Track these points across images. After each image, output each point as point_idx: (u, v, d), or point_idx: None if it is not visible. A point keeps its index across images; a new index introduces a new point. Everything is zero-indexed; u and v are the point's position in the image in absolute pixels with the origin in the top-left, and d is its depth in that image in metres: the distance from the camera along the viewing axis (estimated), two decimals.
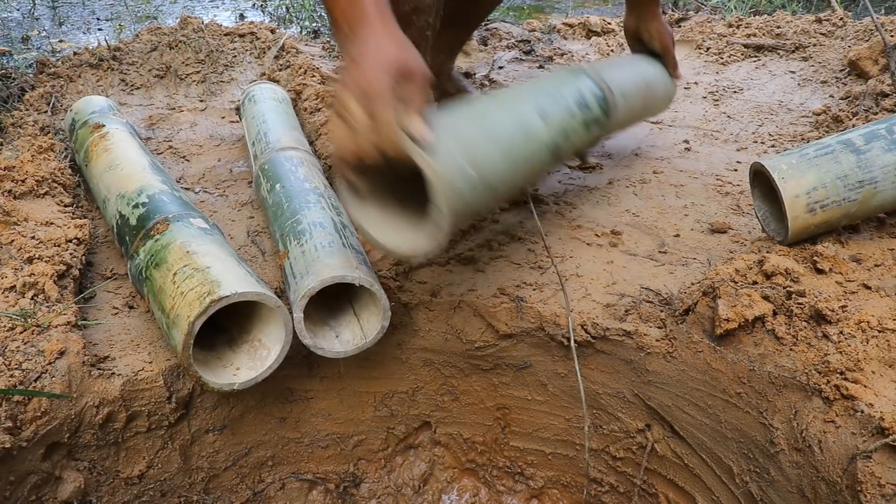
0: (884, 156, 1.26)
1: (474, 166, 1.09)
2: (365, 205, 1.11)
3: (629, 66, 1.77)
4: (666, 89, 1.89)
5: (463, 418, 1.52)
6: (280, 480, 1.49)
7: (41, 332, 1.17)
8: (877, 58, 2.30)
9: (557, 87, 1.43)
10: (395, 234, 1.10)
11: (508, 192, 1.27)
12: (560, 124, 1.36)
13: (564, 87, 1.44)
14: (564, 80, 1.48)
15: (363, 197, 1.11)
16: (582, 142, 1.48)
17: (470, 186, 1.08)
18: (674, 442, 1.31)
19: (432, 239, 1.05)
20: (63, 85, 2.35)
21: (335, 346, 1.24)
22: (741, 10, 3.57)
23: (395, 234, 1.10)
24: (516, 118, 1.25)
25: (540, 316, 1.34)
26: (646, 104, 1.80)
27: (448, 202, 1.01)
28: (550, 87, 1.42)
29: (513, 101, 1.30)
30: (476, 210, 1.16)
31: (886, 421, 0.92)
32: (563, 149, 1.38)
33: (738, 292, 1.16)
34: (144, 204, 1.39)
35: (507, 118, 1.23)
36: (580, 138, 1.45)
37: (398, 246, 1.09)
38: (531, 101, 1.32)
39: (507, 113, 1.25)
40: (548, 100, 1.36)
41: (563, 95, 1.41)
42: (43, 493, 1.16)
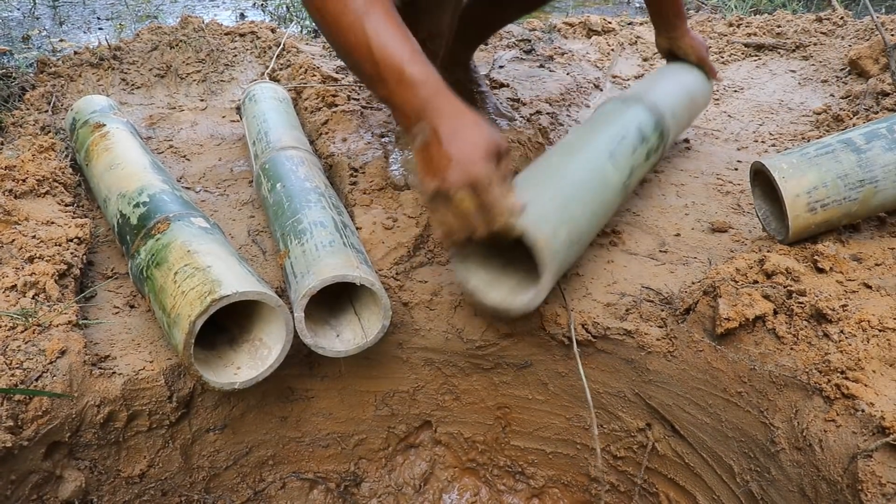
0: (884, 155, 1.26)
1: (569, 230, 1.21)
2: (469, 269, 1.23)
3: (673, 82, 1.80)
4: (705, 96, 1.95)
5: (464, 417, 1.52)
6: (281, 480, 1.49)
7: (42, 331, 1.17)
8: (877, 57, 2.30)
9: (619, 124, 1.48)
10: (497, 294, 1.21)
11: (591, 239, 1.37)
12: (627, 163, 1.43)
13: (625, 124, 1.49)
14: (623, 114, 1.53)
15: (468, 262, 1.23)
16: (644, 173, 1.56)
17: (566, 248, 1.21)
18: (674, 441, 1.31)
19: (535, 300, 1.17)
20: (63, 84, 2.35)
21: (336, 346, 1.24)
22: (741, 9, 3.57)
23: (497, 294, 1.21)
24: (593, 169, 1.34)
25: (541, 315, 1.34)
26: (691, 116, 1.87)
27: (552, 270, 1.16)
28: (614, 128, 1.47)
29: (587, 150, 1.38)
30: (569, 261, 1.27)
31: (887, 420, 0.93)
32: (630, 186, 1.47)
33: (739, 291, 1.16)
34: (145, 203, 1.39)
35: (585, 172, 1.32)
36: (643, 170, 1.53)
37: (503, 306, 1.19)
38: (602, 146, 1.40)
39: (585, 165, 1.34)
40: (614, 141, 1.43)
41: (626, 133, 1.47)
42: (44, 492, 1.16)
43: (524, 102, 2.24)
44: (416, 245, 1.49)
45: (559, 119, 2.17)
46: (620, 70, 2.74)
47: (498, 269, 1.25)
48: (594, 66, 2.73)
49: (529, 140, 1.89)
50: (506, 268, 1.26)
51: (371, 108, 2.08)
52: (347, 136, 1.87)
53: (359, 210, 1.57)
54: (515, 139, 1.87)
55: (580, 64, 2.73)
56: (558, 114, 2.20)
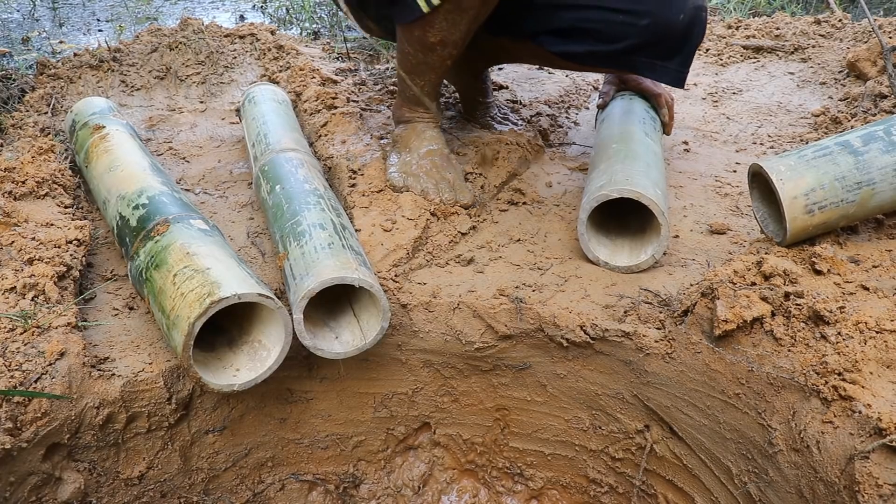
0: (882, 157, 1.26)
1: (660, 188, 1.45)
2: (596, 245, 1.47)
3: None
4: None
5: (462, 419, 1.52)
6: (280, 481, 1.49)
7: (41, 333, 1.18)
8: (875, 59, 2.30)
9: (638, 112, 1.82)
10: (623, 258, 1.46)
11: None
12: (656, 137, 1.74)
13: (641, 111, 1.83)
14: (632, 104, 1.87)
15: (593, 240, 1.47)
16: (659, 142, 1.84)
17: (665, 202, 1.42)
18: (673, 442, 1.31)
19: (661, 248, 1.41)
20: (63, 86, 2.35)
21: (335, 347, 1.24)
22: (740, 11, 3.57)
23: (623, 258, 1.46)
24: (646, 145, 1.63)
25: (539, 317, 1.34)
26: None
27: (667, 220, 1.39)
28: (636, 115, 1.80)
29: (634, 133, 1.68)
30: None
31: (884, 421, 0.93)
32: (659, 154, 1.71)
33: (737, 293, 1.16)
34: (145, 205, 1.39)
35: (644, 148, 1.61)
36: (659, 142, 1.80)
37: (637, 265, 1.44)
38: (640, 128, 1.72)
39: (640, 144, 1.62)
40: (644, 123, 1.76)
41: (645, 117, 1.80)
42: (43, 493, 1.16)
43: (524, 104, 2.24)
44: (414, 247, 1.49)
45: (558, 121, 2.17)
46: None
47: (610, 241, 1.50)
48: None
49: (529, 142, 1.90)
50: (615, 238, 1.51)
51: (370, 110, 2.08)
52: (347, 138, 1.88)
53: (358, 212, 1.57)
54: (515, 141, 1.88)
55: None
56: (557, 115, 2.21)
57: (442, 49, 1.51)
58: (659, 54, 1.54)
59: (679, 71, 1.57)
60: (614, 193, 1.37)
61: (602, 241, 1.49)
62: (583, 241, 1.46)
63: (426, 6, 1.37)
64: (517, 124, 2.01)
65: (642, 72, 1.60)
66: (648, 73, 1.59)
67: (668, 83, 1.60)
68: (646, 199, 1.35)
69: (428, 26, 1.45)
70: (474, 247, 1.54)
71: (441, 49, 1.51)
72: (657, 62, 1.56)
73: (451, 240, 1.54)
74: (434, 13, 1.41)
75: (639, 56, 1.56)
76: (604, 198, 1.39)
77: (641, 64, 1.57)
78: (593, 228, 1.47)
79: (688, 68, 1.58)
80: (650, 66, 1.57)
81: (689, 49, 1.54)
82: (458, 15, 1.43)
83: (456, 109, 2.09)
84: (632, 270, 1.44)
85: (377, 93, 2.24)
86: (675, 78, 1.58)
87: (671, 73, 1.57)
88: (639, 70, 1.60)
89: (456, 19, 1.44)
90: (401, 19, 1.47)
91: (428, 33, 1.46)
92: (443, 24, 1.44)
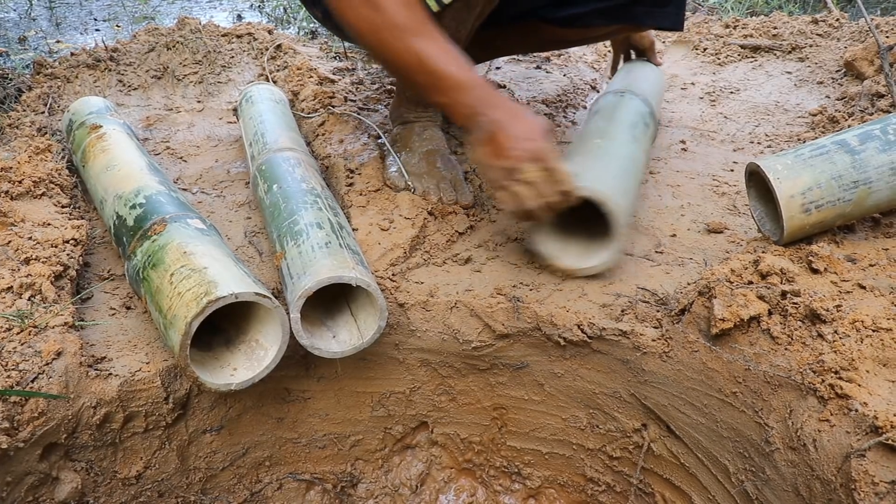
0: (878, 156, 1.26)
1: (628, 199, 1.42)
2: (542, 240, 1.43)
3: (645, 80, 2.03)
4: (663, 86, 2.22)
5: (460, 418, 1.52)
6: (277, 480, 1.49)
7: (38, 332, 1.17)
8: (872, 58, 2.31)
9: (630, 114, 1.74)
10: (568, 259, 1.42)
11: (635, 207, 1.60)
12: (644, 144, 1.68)
13: (634, 114, 1.75)
14: (627, 105, 1.78)
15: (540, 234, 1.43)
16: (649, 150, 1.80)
17: (625, 213, 1.37)
18: (670, 441, 1.31)
19: (614, 256, 1.38)
20: (60, 86, 2.35)
21: (332, 347, 1.24)
22: (738, 10, 3.57)
23: (568, 259, 1.42)
24: (628, 150, 1.56)
25: (536, 316, 1.34)
26: (659, 102, 2.09)
27: (623, 228, 1.34)
28: (628, 117, 1.71)
29: (619, 135, 1.60)
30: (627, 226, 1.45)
31: (880, 419, 0.93)
32: (646, 163, 1.71)
33: (734, 292, 1.16)
34: (142, 205, 1.39)
35: (625, 152, 1.55)
36: (649, 147, 1.78)
37: (582, 268, 1.40)
38: (627, 131, 1.64)
39: (622, 147, 1.56)
40: (633, 127, 1.68)
41: (637, 121, 1.72)
42: (40, 493, 1.16)
43: (521, 103, 2.24)
44: (412, 246, 1.49)
45: (556, 120, 2.17)
46: None
47: (565, 239, 1.45)
48: (591, 67, 2.73)
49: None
50: (570, 238, 1.45)
51: (368, 109, 2.08)
52: (344, 138, 1.88)
53: (355, 211, 1.57)
54: None
55: (577, 65, 2.73)
56: (555, 115, 2.21)
57: None
58: (656, 2, 1.65)
59: (676, 14, 1.68)
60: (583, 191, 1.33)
61: (556, 236, 1.45)
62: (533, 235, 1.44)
63: (436, 5, 1.37)
64: None
65: (643, 20, 1.69)
66: (649, 21, 1.69)
67: (668, 27, 1.71)
68: (605, 205, 1.31)
69: None
70: (472, 246, 1.54)
71: None
72: (655, 9, 1.67)
73: (449, 239, 1.54)
74: (443, 12, 1.40)
75: (638, 6, 1.66)
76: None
77: (641, 13, 1.67)
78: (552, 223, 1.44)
79: (684, 10, 1.69)
80: (649, 14, 1.67)
81: None
82: (467, 13, 1.46)
83: None
84: (575, 274, 1.41)
85: (375, 92, 2.24)
86: (674, 21, 1.69)
87: (670, 16, 1.68)
88: (639, 19, 1.68)
89: (464, 17, 1.46)
90: None
91: None
92: (451, 23, 1.44)
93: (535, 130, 1.26)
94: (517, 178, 1.25)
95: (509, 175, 1.25)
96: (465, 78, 1.27)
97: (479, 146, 1.28)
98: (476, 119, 1.27)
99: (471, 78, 1.27)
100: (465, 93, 1.26)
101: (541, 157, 1.24)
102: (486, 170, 1.31)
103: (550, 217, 1.36)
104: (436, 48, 1.27)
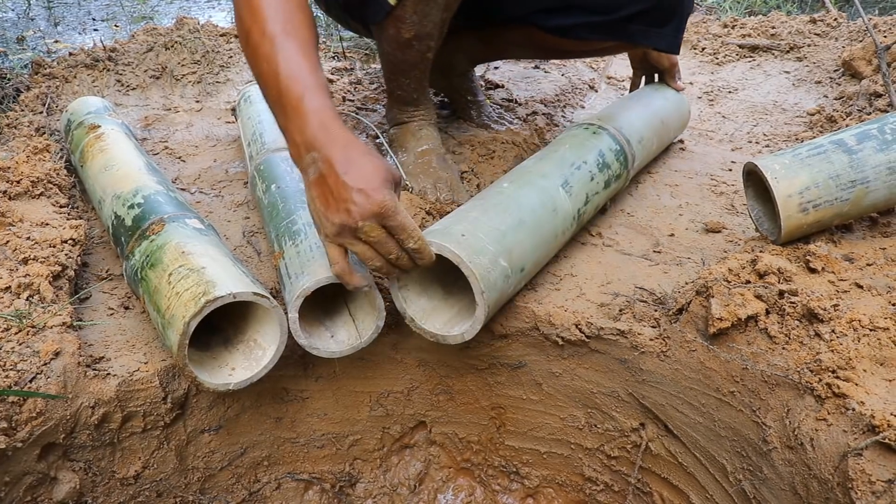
0: (875, 156, 1.27)
1: (508, 258, 1.20)
2: (407, 297, 1.22)
3: (643, 107, 1.81)
4: (681, 118, 1.95)
5: (458, 418, 1.53)
6: (276, 480, 1.49)
7: (36, 332, 1.17)
8: (870, 58, 2.31)
9: (580, 152, 1.50)
10: (434, 323, 1.22)
11: (537, 269, 1.35)
12: (583, 190, 1.44)
13: (587, 152, 1.51)
14: (586, 142, 1.55)
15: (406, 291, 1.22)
16: (602, 200, 1.56)
17: (504, 277, 1.18)
18: (668, 440, 1.31)
19: (470, 332, 1.18)
20: (59, 86, 2.35)
21: (330, 346, 1.24)
22: (736, 10, 3.58)
23: (434, 323, 1.22)
24: (543, 197, 1.34)
25: (534, 315, 1.34)
26: (662, 141, 1.86)
27: (487, 300, 1.13)
28: (574, 154, 1.49)
29: (539, 177, 1.38)
30: (509, 294, 1.25)
31: (877, 418, 0.93)
32: (585, 213, 1.48)
33: (732, 291, 1.16)
34: (140, 204, 1.39)
35: (535, 199, 1.32)
36: (601, 197, 1.54)
37: (439, 335, 1.21)
38: (556, 173, 1.40)
39: (535, 193, 1.33)
40: (571, 169, 1.44)
41: (585, 161, 1.48)
42: (38, 493, 1.16)
43: (519, 103, 2.24)
44: None
45: (554, 120, 2.17)
46: (615, 71, 2.74)
47: (440, 297, 1.26)
48: (589, 66, 2.74)
49: (525, 141, 1.90)
50: (448, 296, 1.27)
51: (366, 109, 2.08)
52: None
53: None
54: (511, 140, 1.88)
55: (575, 65, 2.73)
56: (553, 114, 2.21)
57: (418, 44, 1.50)
58: (653, 22, 1.56)
59: (674, 37, 1.59)
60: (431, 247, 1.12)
61: (430, 288, 1.25)
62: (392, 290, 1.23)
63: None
64: (513, 123, 2.01)
65: (637, 40, 1.60)
66: (643, 41, 1.60)
67: (664, 49, 1.61)
68: (465, 268, 1.11)
69: (399, 22, 1.44)
70: None
71: (417, 44, 1.50)
72: (651, 29, 1.57)
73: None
74: (402, 7, 1.40)
75: (633, 24, 1.57)
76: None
77: (636, 32, 1.58)
78: (430, 276, 1.25)
79: (682, 34, 1.59)
80: (644, 34, 1.58)
81: (681, 15, 1.57)
82: (427, 5, 1.42)
83: (451, 109, 2.09)
84: (437, 340, 1.21)
85: (373, 92, 2.24)
86: (670, 44, 1.60)
87: (666, 39, 1.59)
88: (633, 38, 1.60)
89: (426, 10, 1.42)
90: (373, 19, 1.46)
91: (401, 29, 1.45)
92: (413, 17, 1.43)
93: (376, 177, 1.05)
94: (355, 236, 1.07)
95: (344, 232, 1.06)
96: (308, 101, 1.08)
97: (309, 188, 1.09)
98: (307, 153, 1.07)
99: (316, 104, 1.08)
100: (303, 118, 1.07)
101: (383, 213, 1.04)
102: (316, 218, 1.11)
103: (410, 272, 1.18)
104: (297, 61, 1.11)
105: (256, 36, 1.13)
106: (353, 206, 1.03)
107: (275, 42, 1.11)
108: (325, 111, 1.08)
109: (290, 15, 1.15)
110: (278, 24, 1.13)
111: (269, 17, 1.13)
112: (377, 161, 1.07)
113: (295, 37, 1.13)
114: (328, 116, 1.08)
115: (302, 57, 1.12)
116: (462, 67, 1.98)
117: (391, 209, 1.04)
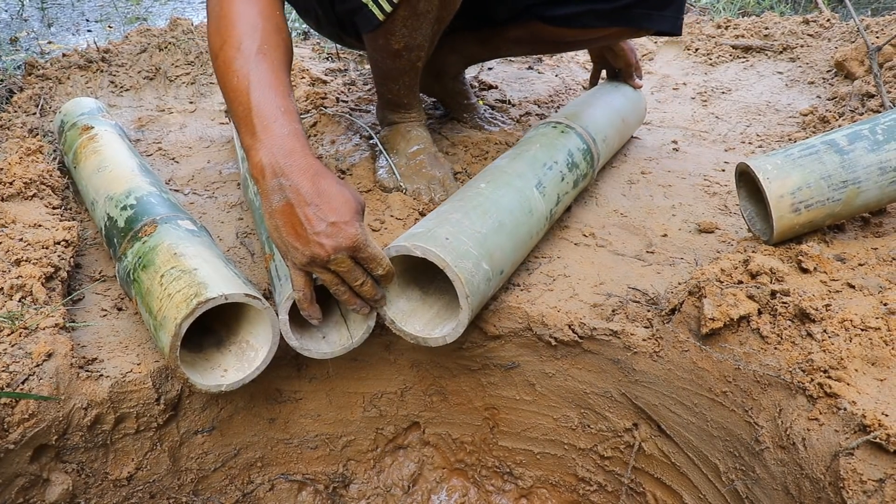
0: (867, 156, 1.27)
1: (490, 260, 1.21)
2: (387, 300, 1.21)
3: (605, 105, 1.83)
4: (637, 116, 1.99)
5: (452, 418, 1.53)
6: (269, 481, 1.49)
7: (29, 334, 1.17)
8: (863, 59, 2.32)
9: (551, 152, 1.51)
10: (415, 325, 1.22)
11: (514, 269, 1.36)
12: (555, 191, 1.46)
13: (556, 151, 1.52)
14: (555, 141, 1.56)
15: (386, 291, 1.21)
16: (570, 200, 1.57)
17: (486, 280, 1.20)
18: (661, 441, 1.32)
19: (454, 334, 1.18)
20: (52, 87, 2.34)
21: (322, 347, 1.24)
22: (730, 11, 3.59)
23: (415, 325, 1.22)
24: (520, 199, 1.35)
25: (527, 316, 1.34)
26: (622, 139, 1.90)
27: (471, 304, 1.15)
28: (545, 154, 1.50)
29: (514, 179, 1.39)
30: (488, 296, 1.25)
31: (868, 418, 0.93)
32: (556, 213, 1.50)
33: (724, 292, 1.17)
34: (133, 206, 1.39)
35: (513, 201, 1.33)
36: (570, 197, 1.56)
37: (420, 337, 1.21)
38: (530, 175, 1.42)
39: (511, 195, 1.34)
40: (543, 169, 1.46)
41: (556, 161, 1.50)
42: (31, 495, 1.16)
43: (513, 104, 2.25)
44: None
45: None
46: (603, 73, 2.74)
47: (418, 297, 1.26)
48: (583, 67, 2.74)
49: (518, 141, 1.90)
50: (426, 296, 1.27)
51: (359, 110, 2.08)
52: (336, 139, 1.88)
53: None
54: (504, 141, 1.88)
55: (569, 66, 2.74)
56: (547, 115, 2.21)
57: (408, 54, 1.50)
58: (654, 5, 1.60)
59: (675, 18, 1.63)
60: (416, 251, 1.13)
61: (411, 290, 1.25)
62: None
63: (381, 14, 1.36)
64: (506, 124, 2.01)
65: (640, 23, 1.64)
66: (646, 24, 1.64)
67: (667, 31, 1.65)
68: (450, 272, 1.11)
69: (389, 34, 1.43)
70: None
71: (407, 54, 1.50)
72: (654, 12, 1.61)
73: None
74: (392, 21, 1.39)
75: (635, 9, 1.61)
76: (402, 250, 1.15)
77: (639, 16, 1.62)
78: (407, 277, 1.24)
79: (682, 15, 1.64)
80: (647, 17, 1.62)
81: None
82: (416, 20, 1.41)
83: (444, 110, 2.10)
84: (418, 342, 1.21)
85: (367, 93, 2.24)
86: (672, 25, 1.64)
87: (668, 20, 1.63)
88: (636, 22, 1.63)
89: (415, 24, 1.42)
90: (363, 30, 1.46)
91: (391, 41, 1.45)
92: (403, 30, 1.43)
93: (347, 210, 1.06)
94: (325, 266, 1.07)
95: (314, 263, 1.07)
96: (279, 125, 1.07)
97: (273, 215, 1.07)
98: (274, 178, 1.06)
99: (287, 129, 1.08)
100: (272, 140, 1.07)
101: (355, 247, 1.06)
102: (281, 246, 1.09)
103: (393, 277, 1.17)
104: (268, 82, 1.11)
105: (230, 50, 1.13)
106: (325, 240, 1.04)
107: (249, 59, 1.12)
108: (295, 137, 1.08)
109: (268, 35, 1.16)
110: (254, 43, 1.13)
111: (246, 34, 1.14)
112: (346, 192, 1.08)
113: (270, 57, 1.13)
114: (299, 143, 1.08)
115: (275, 78, 1.12)
116: (455, 70, 1.98)
117: (363, 242, 1.07)
